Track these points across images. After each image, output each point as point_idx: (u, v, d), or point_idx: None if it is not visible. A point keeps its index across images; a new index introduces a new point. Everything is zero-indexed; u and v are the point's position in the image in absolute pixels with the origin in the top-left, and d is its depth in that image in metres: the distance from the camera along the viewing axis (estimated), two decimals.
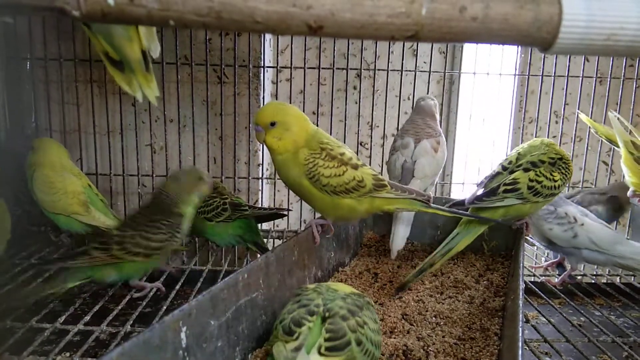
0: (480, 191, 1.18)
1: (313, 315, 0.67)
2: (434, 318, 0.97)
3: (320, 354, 0.63)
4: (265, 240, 1.50)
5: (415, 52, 1.77)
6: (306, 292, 0.74)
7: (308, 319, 0.67)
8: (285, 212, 1.51)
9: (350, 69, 1.66)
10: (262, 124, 1.00)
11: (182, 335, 0.66)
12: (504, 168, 1.19)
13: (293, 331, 0.66)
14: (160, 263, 1.13)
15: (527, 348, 1.00)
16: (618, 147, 1.36)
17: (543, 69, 1.66)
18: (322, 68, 1.65)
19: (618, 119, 1.33)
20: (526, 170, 1.15)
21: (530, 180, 1.13)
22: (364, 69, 1.71)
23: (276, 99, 1.77)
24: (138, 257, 1.03)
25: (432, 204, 1.09)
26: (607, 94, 1.67)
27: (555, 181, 1.15)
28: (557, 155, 1.19)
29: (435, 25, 0.50)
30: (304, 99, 1.70)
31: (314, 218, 1.14)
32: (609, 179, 1.72)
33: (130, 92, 1.02)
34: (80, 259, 1.01)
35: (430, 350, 0.84)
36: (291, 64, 1.63)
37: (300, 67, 1.64)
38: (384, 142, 1.76)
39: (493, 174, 1.21)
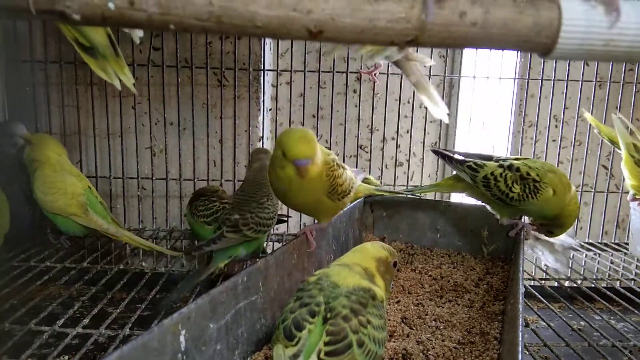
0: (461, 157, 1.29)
1: (314, 317, 0.65)
2: (433, 322, 0.97)
3: (319, 359, 0.61)
4: (264, 243, 1.50)
5: None
6: (308, 288, 0.70)
7: (309, 321, 0.65)
8: (286, 218, 1.51)
9: (350, 72, 1.66)
10: (312, 156, 0.87)
11: (181, 338, 0.65)
12: (499, 159, 1.26)
13: (294, 335, 0.64)
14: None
15: (527, 352, 0.99)
16: (619, 148, 1.37)
17: (543, 72, 1.66)
18: (322, 71, 1.66)
19: (621, 120, 1.35)
20: (500, 166, 1.21)
21: (492, 173, 1.19)
22: (363, 72, 1.71)
23: (276, 102, 1.77)
24: (259, 235, 1.18)
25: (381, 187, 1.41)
26: (606, 98, 1.67)
27: (512, 191, 1.17)
28: (535, 176, 1.17)
29: (435, 31, 0.50)
30: (304, 102, 1.70)
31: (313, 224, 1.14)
32: (608, 183, 1.72)
33: (107, 79, 1.03)
34: (220, 242, 1.14)
35: (429, 354, 0.84)
36: (291, 67, 1.63)
37: (301, 71, 1.65)
38: (383, 146, 1.76)
39: (488, 156, 1.29)
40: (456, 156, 1.30)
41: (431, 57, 1.68)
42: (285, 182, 0.90)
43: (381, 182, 1.76)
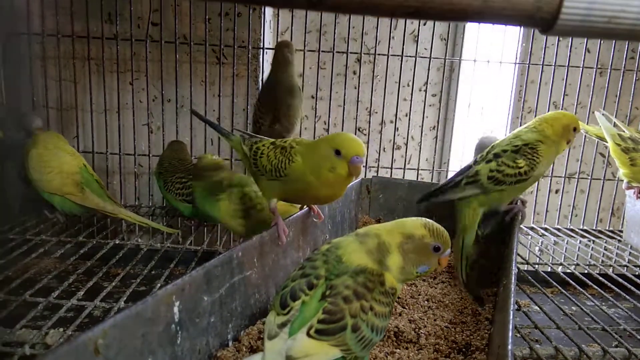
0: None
1: (311, 289, 0.62)
2: (426, 302, 0.98)
3: (308, 335, 0.59)
4: None
5: (416, 38, 1.76)
6: (314, 257, 0.66)
7: (305, 292, 0.62)
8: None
9: (351, 52, 1.65)
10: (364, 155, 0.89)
11: (175, 309, 0.66)
12: (476, 162, 1.18)
13: (287, 304, 0.62)
14: None
15: (518, 334, 1.00)
16: (607, 142, 1.41)
17: (544, 58, 1.65)
18: (322, 51, 1.64)
19: (604, 115, 1.40)
20: (488, 161, 1.15)
21: (491, 170, 1.13)
22: (364, 54, 1.70)
23: None
24: None
25: None
26: (606, 86, 1.66)
27: (520, 167, 1.13)
28: (522, 142, 1.15)
29: (437, 3, 0.49)
30: (303, 82, 1.69)
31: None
32: (605, 171, 1.72)
33: None
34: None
35: (421, 332, 0.84)
36: None
37: (300, 50, 1.63)
38: (382, 129, 1.75)
39: (467, 167, 1.20)
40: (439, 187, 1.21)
41: (432, 39, 1.68)
42: (329, 184, 0.89)
43: (378, 165, 1.76)
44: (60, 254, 1.21)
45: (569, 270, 1.37)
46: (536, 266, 1.37)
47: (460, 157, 1.80)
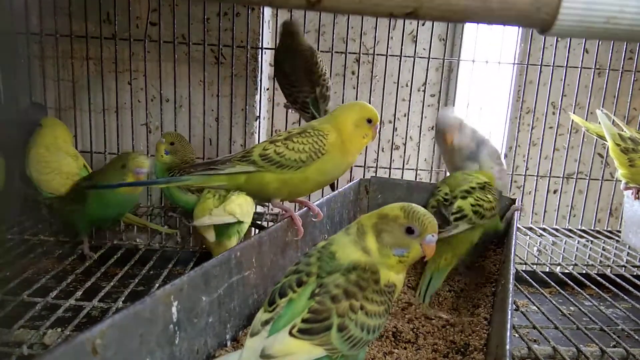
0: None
1: (300, 286, 0.61)
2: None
3: (291, 334, 0.58)
4: (259, 222, 1.50)
5: (415, 38, 1.76)
6: (310, 253, 0.65)
7: (294, 289, 0.61)
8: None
9: (349, 53, 1.65)
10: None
11: (173, 309, 0.66)
12: (445, 200, 1.15)
13: (274, 301, 0.61)
14: None
15: (517, 334, 1.00)
16: (606, 141, 1.41)
17: (542, 58, 1.65)
18: (321, 51, 1.64)
19: (605, 114, 1.40)
20: (463, 197, 1.13)
21: (472, 205, 1.11)
22: (362, 54, 1.70)
23: (274, 82, 1.75)
24: None
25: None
26: (605, 86, 1.67)
27: (491, 202, 1.15)
28: (480, 182, 1.17)
29: (435, 3, 0.49)
30: None
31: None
32: (603, 171, 1.73)
33: None
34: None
35: (419, 332, 0.84)
36: None
37: None
38: (380, 129, 1.75)
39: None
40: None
41: (431, 40, 1.68)
42: (358, 150, 0.97)
43: (376, 165, 1.76)
44: (59, 254, 1.21)
45: (567, 271, 1.38)
46: (534, 266, 1.37)
47: None
